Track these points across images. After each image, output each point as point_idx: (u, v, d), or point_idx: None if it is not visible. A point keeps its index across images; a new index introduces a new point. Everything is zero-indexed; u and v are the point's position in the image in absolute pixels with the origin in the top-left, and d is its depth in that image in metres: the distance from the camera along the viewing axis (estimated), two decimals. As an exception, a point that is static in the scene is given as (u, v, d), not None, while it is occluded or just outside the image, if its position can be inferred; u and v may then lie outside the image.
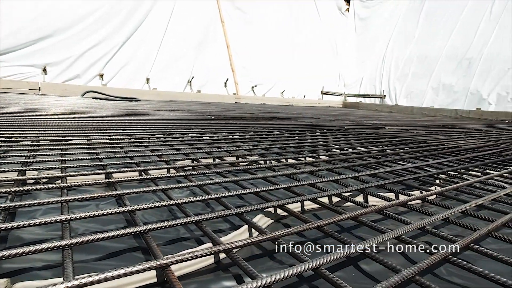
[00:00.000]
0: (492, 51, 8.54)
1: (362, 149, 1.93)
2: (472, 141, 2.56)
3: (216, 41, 8.76)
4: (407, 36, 10.80)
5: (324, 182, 1.13)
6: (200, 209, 0.95)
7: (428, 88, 9.55)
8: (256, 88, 9.53)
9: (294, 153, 1.68)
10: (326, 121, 3.88)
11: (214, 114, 3.90)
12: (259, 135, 2.27)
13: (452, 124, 4.77)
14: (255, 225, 0.75)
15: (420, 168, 1.45)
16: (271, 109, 6.18)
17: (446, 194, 1.10)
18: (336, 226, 0.87)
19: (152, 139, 1.82)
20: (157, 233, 0.74)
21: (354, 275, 0.65)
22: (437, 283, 0.60)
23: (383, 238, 0.66)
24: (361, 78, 11.66)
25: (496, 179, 1.32)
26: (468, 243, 0.69)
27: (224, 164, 1.35)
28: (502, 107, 7.87)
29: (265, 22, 9.88)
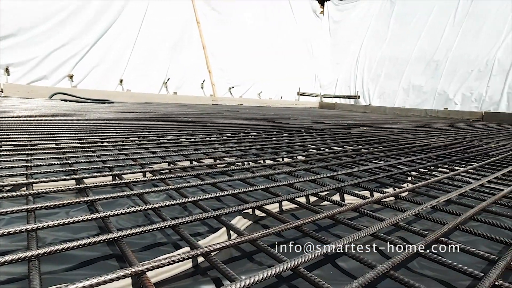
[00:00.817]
0: (456, 54, 9.03)
1: (338, 148, 1.97)
2: (440, 140, 2.69)
3: (192, 42, 8.66)
4: (379, 38, 11.19)
5: (302, 182, 1.14)
6: (178, 213, 0.93)
7: (399, 88, 9.94)
8: (234, 89, 9.51)
9: (272, 154, 1.69)
10: (303, 121, 3.93)
11: (191, 116, 3.85)
12: (236, 136, 2.26)
13: (422, 123, 4.98)
14: (234, 227, 0.74)
15: (393, 166, 1.51)
16: (248, 110, 6.18)
17: (417, 190, 1.14)
18: (313, 225, 0.88)
19: (127, 142, 1.76)
20: (133, 239, 0.72)
21: (332, 273, 0.66)
22: (410, 277, 0.62)
23: (359, 236, 0.67)
24: (336, 79, 11.94)
25: (463, 175, 1.40)
26: (438, 237, 0.72)
27: (202, 167, 1.34)
28: (467, 107, 8.33)
29: (241, 23, 9.90)
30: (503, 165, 1.66)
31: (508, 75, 7.86)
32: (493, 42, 8.38)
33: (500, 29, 8.38)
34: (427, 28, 9.96)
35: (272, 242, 0.78)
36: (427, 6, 10.17)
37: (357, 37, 11.84)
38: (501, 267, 0.57)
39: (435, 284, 0.64)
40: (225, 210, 0.80)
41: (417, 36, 10.09)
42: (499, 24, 8.43)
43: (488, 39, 8.50)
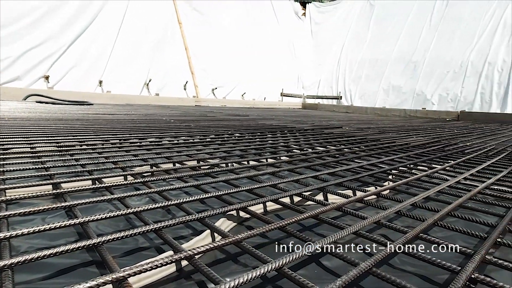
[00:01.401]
0: (433, 55, 9.36)
1: (321, 148, 1.99)
2: (419, 139, 2.77)
3: (174, 43, 8.56)
4: (360, 40, 11.44)
5: (286, 183, 1.15)
6: (160, 216, 0.92)
7: (379, 89, 10.20)
8: (217, 90, 9.46)
9: (256, 155, 1.69)
10: (286, 122, 3.96)
11: (174, 117, 3.80)
12: (220, 138, 2.25)
13: (402, 123, 5.12)
14: (218, 229, 0.74)
15: (375, 165, 1.54)
16: (232, 111, 6.17)
17: (398, 188, 1.17)
18: (298, 225, 0.89)
19: (107, 145, 1.72)
20: (114, 244, 0.70)
21: (316, 272, 0.67)
22: (392, 273, 0.63)
23: (343, 234, 0.68)
24: (318, 80, 12.11)
25: (440, 173, 1.44)
26: (418, 233, 0.74)
27: (185, 169, 1.32)
28: (443, 107, 8.65)
29: (223, 24, 9.87)
30: (478, 162, 1.73)
31: (480, 76, 8.21)
32: (467, 45, 8.73)
33: (472, 33, 8.75)
34: (405, 30, 10.28)
35: (256, 243, 0.78)
36: (405, 9, 10.49)
37: (338, 39, 12.06)
38: (477, 260, 0.60)
39: (416, 279, 0.65)
40: (209, 212, 0.79)
41: (396, 38, 10.39)
42: (472, 28, 8.80)
43: (462, 42, 8.85)
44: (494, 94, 7.92)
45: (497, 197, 1.10)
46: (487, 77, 8.12)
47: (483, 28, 8.62)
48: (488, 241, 0.69)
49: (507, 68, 7.85)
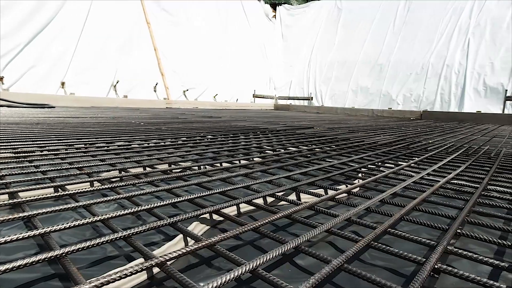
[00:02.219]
0: (397, 58, 9.83)
1: (294, 149, 2.02)
2: (386, 137, 2.90)
3: (143, 44, 8.32)
4: (328, 42, 11.77)
5: (259, 184, 1.15)
6: (130, 223, 0.88)
7: (348, 90, 10.55)
8: (188, 92, 9.32)
9: (229, 157, 1.68)
10: (259, 123, 3.98)
11: (144, 120, 3.69)
12: (192, 140, 2.21)
13: (370, 122, 5.33)
14: (190, 233, 0.72)
15: (345, 164, 1.58)
16: (204, 113, 6.10)
17: (367, 186, 1.21)
18: (271, 225, 0.89)
19: (71, 150, 1.63)
20: (79, 255, 0.66)
21: (290, 271, 0.68)
22: (362, 268, 0.65)
23: (315, 233, 0.70)
24: (290, 81, 12.30)
25: (406, 169, 1.51)
26: (386, 228, 0.76)
27: (156, 173, 1.28)
28: (407, 107, 9.11)
29: (193, 25, 9.74)
30: (439, 158, 1.84)
31: (440, 78, 8.74)
32: (427, 49, 9.27)
33: (432, 37, 9.31)
34: (371, 34, 10.72)
35: (231, 246, 0.78)
36: (370, 13, 10.95)
37: (308, 41, 12.33)
38: (439, 251, 0.63)
39: (385, 273, 0.68)
40: (181, 216, 0.77)
41: (363, 41, 10.81)
42: (431, 33, 9.36)
43: (423, 46, 9.39)
44: (452, 95, 8.46)
45: (457, 191, 1.17)
46: (446, 79, 8.65)
47: (441, 33, 9.18)
48: (449, 233, 0.73)
49: (463, 70, 8.42)
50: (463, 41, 8.72)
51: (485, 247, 0.81)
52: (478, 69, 8.21)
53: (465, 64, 8.43)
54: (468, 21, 8.83)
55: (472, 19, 8.78)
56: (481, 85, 8.07)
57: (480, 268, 0.70)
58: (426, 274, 0.55)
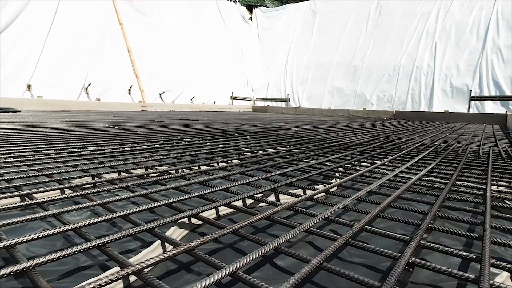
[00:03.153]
0: (370, 60, 10.16)
1: (272, 150, 2.03)
2: (361, 137, 2.98)
3: (115, 45, 8.09)
4: (304, 45, 11.97)
5: (238, 186, 1.14)
6: (105, 231, 0.85)
7: (325, 91, 10.77)
8: (164, 95, 9.15)
9: (207, 160, 1.66)
10: (237, 125, 3.97)
11: (118, 124, 3.58)
12: (169, 143, 2.17)
13: (346, 122, 5.46)
14: (168, 238, 0.71)
15: (323, 164, 1.61)
16: (181, 116, 6.01)
17: (344, 185, 1.24)
18: (251, 227, 0.89)
19: (39, 156, 1.55)
20: (49, 266, 0.63)
21: (270, 272, 0.68)
22: (341, 266, 0.66)
23: (294, 233, 0.70)
24: (267, 83, 12.38)
25: (381, 168, 1.56)
26: (363, 226, 0.78)
27: (132, 178, 1.25)
28: (381, 107, 9.43)
29: (169, 26, 9.60)
30: (411, 156, 1.91)
31: (410, 79, 9.12)
32: (398, 51, 9.65)
33: (402, 40, 9.70)
34: (345, 37, 11.02)
35: (210, 249, 0.77)
36: (344, 17, 11.26)
37: (284, 43, 12.48)
38: (413, 246, 0.65)
39: (363, 269, 0.70)
40: (159, 221, 0.75)
41: (337, 43, 11.08)
42: (401, 36, 9.76)
43: (394, 48, 9.76)
44: (422, 95, 8.84)
45: (428, 187, 1.22)
46: (416, 80, 9.04)
47: (411, 36, 9.60)
48: (422, 228, 0.76)
49: (431, 72, 8.84)
50: (430, 44, 9.15)
51: (455, 240, 0.85)
52: (445, 70, 8.65)
53: (433, 66, 8.85)
54: (434, 25, 9.28)
55: (438, 23, 9.24)
56: (448, 85, 8.50)
57: (451, 260, 0.73)
58: (401, 268, 0.56)
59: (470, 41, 8.53)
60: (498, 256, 0.77)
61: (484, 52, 8.19)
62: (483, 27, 8.43)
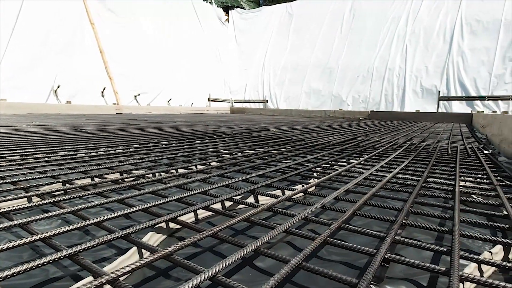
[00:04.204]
0: (345, 62, 10.43)
1: (250, 151, 2.03)
2: (338, 137, 3.04)
3: (87, 46, 7.81)
4: (281, 47, 12.10)
5: (216, 188, 1.13)
6: (77, 239, 0.82)
7: (302, 92, 10.93)
8: (140, 97, 8.94)
9: (185, 162, 1.64)
10: (215, 127, 3.94)
11: (91, 127, 3.45)
12: (145, 147, 2.12)
13: (323, 123, 5.56)
14: (145, 244, 0.69)
15: (301, 164, 1.63)
16: (158, 118, 5.89)
17: (322, 184, 1.26)
18: (230, 230, 0.88)
19: (3, 163, 1.47)
20: (15, 280, 0.59)
21: (250, 274, 0.67)
22: (320, 265, 0.67)
23: (274, 234, 0.70)
24: (245, 84, 12.40)
25: (357, 167, 1.60)
26: (341, 224, 0.80)
27: (106, 183, 1.20)
28: (356, 107, 9.70)
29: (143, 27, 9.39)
30: (386, 155, 1.97)
31: (384, 80, 9.45)
32: (371, 53, 9.97)
33: (375, 42, 10.04)
34: (320, 39, 11.25)
35: (189, 254, 0.75)
36: (319, 19, 11.50)
37: (261, 45, 12.56)
38: (388, 242, 0.67)
39: (341, 267, 0.71)
40: (135, 227, 0.73)
41: (313, 45, 11.29)
42: (374, 38, 10.09)
43: (368, 50, 10.08)
44: (395, 96, 9.18)
45: (402, 184, 1.27)
46: (389, 81, 9.37)
47: (383, 39, 9.95)
48: (396, 224, 0.78)
49: (403, 73, 9.19)
50: (401, 47, 9.53)
51: (427, 234, 0.88)
52: (415, 72, 9.02)
53: (404, 68, 9.21)
54: (405, 29, 9.67)
55: (408, 27, 9.64)
56: (418, 86, 8.87)
57: (423, 254, 0.76)
58: (377, 264, 0.58)
59: (438, 44, 8.95)
60: (467, 248, 0.81)
61: (450, 54, 8.63)
62: (449, 31, 8.88)
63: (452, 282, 0.52)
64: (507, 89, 7.43)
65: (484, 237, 0.77)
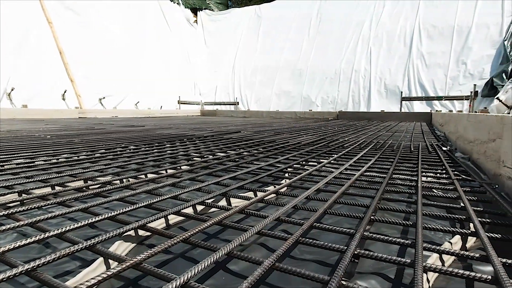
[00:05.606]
0: (313, 64, 10.70)
1: (222, 154, 2.01)
2: (308, 137, 3.10)
3: (44, 46, 7.36)
4: (251, 49, 12.16)
5: (188, 193, 1.11)
6: (36, 253, 0.76)
7: (272, 94, 11.05)
8: (105, 100, 8.57)
9: (154, 167, 1.59)
10: (185, 130, 3.87)
11: (51, 132, 3.25)
12: (112, 152, 2.03)
13: (293, 124, 5.65)
14: (112, 254, 0.65)
15: (272, 165, 1.64)
16: (125, 122, 5.68)
17: (293, 185, 1.27)
18: (202, 234, 0.87)
19: (-48, 174, 1.34)
20: (-36, 301, 0.54)
21: (224, 278, 0.66)
22: (293, 264, 0.68)
23: (247, 236, 0.70)
24: (215, 86, 12.31)
25: (327, 166, 1.64)
26: (312, 223, 0.81)
27: (68, 191, 1.14)
28: (325, 108, 9.97)
29: (107, 27, 9.03)
30: (354, 154, 2.04)
31: (350, 81, 9.80)
32: (338, 55, 10.31)
33: (341, 45, 10.39)
34: (289, 42, 11.46)
35: (160, 261, 0.73)
36: (288, 22, 11.71)
37: (231, 47, 12.55)
38: (358, 238, 0.69)
39: (313, 265, 0.72)
40: (101, 237, 0.69)
41: (282, 48, 11.47)
42: (341, 41, 10.45)
43: (335, 53, 10.41)
44: (361, 96, 9.55)
45: (370, 182, 1.31)
46: (355, 82, 9.74)
47: (349, 42, 10.32)
48: (365, 220, 0.81)
49: (368, 75, 9.59)
50: (366, 49, 9.94)
51: (394, 229, 0.92)
52: (379, 73, 9.45)
53: (369, 70, 9.62)
54: (369, 33, 10.11)
55: (371, 31, 10.09)
56: (382, 87, 9.30)
57: (391, 248, 0.79)
58: (347, 261, 0.59)
59: (399, 48, 9.45)
60: (429, 240, 0.85)
61: (410, 57, 9.13)
62: (409, 36, 9.40)
63: (416, 273, 0.55)
64: (461, 90, 8.00)
65: (444, 228, 0.81)
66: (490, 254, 0.62)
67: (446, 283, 0.65)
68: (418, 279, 0.53)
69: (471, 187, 1.27)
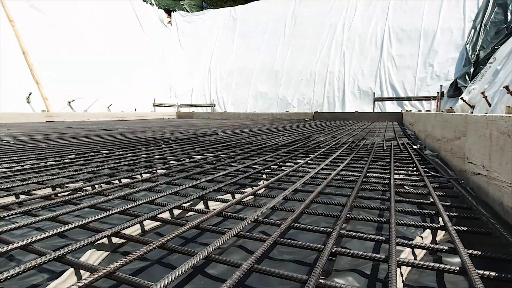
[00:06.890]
0: (289, 65, 10.83)
1: (199, 157, 1.99)
2: (285, 138, 3.13)
3: (5, 46, 6.95)
4: (227, 50, 12.13)
5: (164, 197, 1.08)
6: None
7: (249, 95, 11.06)
8: (75, 103, 8.22)
9: (129, 172, 1.54)
10: (161, 133, 3.79)
11: (14, 138, 3.08)
12: (83, 157, 1.95)
13: (271, 125, 5.68)
14: (84, 264, 0.62)
15: (250, 167, 1.64)
16: (96, 126, 5.48)
17: (271, 186, 1.28)
18: (180, 239, 0.85)
19: None
20: None
21: (202, 283, 0.65)
22: (272, 265, 0.68)
23: (225, 239, 0.69)
24: (191, 88, 12.15)
25: (304, 166, 1.66)
26: (290, 223, 0.81)
27: (35, 200, 1.08)
28: (302, 109, 10.11)
29: (76, 27, 8.68)
30: (330, 153, 2.08)
31: (325, 83, 10.01)
32: (313, 57, 10.51)
33: (316, 47, 10.60)
34: (265, 43, 11.54)
35: (135, 269, 0.70)
36: (263, 24, 11.79)
37: (207, 49, 12.45)
38: (334, 237, 0.70)
39: (292, 265, 0.72)
40: (71, 246, 0.66)
41: (258, 49, 11.53)
42: (315, 44, 10.66)
43: (310, 55, 10.60)
44: (336, 97, 9.78)
45: (345, 181, 1.34)
46: (330, 84, 9.95)
47: (323, 44, 10.55)
48: (341, 219, 0.82)
49: (342, 76, 9.84)
50: (340, 52, 10.20)
51: (369, 226, 0.95)
52: (353, 75, 9.73)
53: (343, 71, 9.87)
54: (342, 35, 10.39)
55: (344, 33, 10.37)
56: (356, 88, 9.57)
57: (366, 245, 0.81)
58: (325, 259, 0.60)
59: (371, 50, 9.77)
60: (402, 235, 0.88)
61: (381, 59, 9.47)
62: (379, 38, 9.75)
63: (390, 268, 0.56)
64: (429, 91, 8.39)
65: (415, 223, 0.85)
66: (458, 246, 0.65)
67: (418, 276, 0.67)
68: (392, 274, 0.54)
69: (440, 183, 1.33)
